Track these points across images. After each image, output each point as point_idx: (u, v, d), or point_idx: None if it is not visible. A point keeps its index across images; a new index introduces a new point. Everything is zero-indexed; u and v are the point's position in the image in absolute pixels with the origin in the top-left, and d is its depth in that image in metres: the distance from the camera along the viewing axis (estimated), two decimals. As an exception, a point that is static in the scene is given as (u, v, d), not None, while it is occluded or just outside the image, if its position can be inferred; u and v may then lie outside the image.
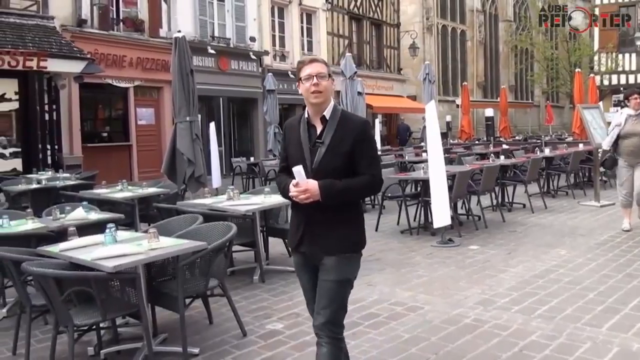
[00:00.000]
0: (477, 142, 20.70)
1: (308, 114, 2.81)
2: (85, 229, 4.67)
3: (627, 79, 27.43)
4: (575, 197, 10.97)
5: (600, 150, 9.17)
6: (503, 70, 36.07)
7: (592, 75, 18.35)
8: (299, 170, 2.65)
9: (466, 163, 10.03)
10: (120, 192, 7.46)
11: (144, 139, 16.10)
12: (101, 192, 7.65)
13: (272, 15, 20.26)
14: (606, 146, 7.78)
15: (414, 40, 26.87)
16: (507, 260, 6.27)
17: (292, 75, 17.55)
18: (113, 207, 6.65)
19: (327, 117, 2.75)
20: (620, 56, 27.48)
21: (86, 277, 3.49)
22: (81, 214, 5.08)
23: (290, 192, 2.69)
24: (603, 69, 27.45)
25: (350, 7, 23.78)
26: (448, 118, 25.02)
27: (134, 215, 6.84)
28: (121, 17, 15.56)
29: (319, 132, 2.76)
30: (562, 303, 4.75)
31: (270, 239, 6.46)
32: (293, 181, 2.67)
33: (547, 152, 12.08)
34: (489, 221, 8.43)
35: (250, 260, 6.22)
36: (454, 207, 7.83)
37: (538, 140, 19.60)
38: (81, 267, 3.57)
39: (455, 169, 8.50)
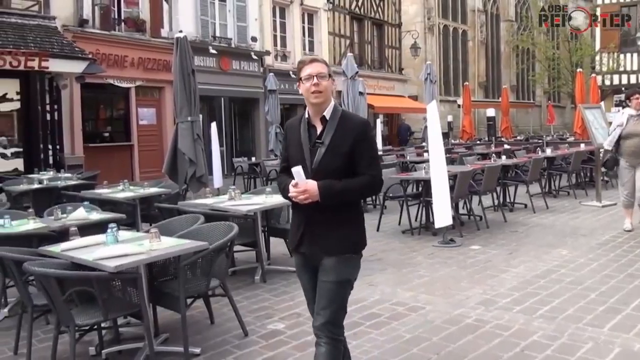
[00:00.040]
0: (479, 142, 20.70)
1: (308, 114, 2.80)
2: (87, 229, 4.67)
3: (628, 78, 27.43)
4: (577, 197, 10.97)
5: (601, 150, 9.17)
6: (504, 70, 36.04)
7: (593, 75, 18.36)
8: (298, 171, 2.65)
9: (467, 163, 10.05)
10: (122, 192, 7.47)
11: (146, 139, 16.11)
12: (103, 192, 7.66)
13: (274, 15, 20.27)
14: (608, 146, 7.78)
15: (415, 40, 26.84)
16: (509, 261, 6.27)
17: (293, 75, 17.52)
18: (114, 207, 6.66)
19: (327, 118, 2.75)
20: (621, 56, 27.52)
21: (88, 277, 3.49)
22: (83, 214, 5.09)
23: (289, 193, 2.69)
24: (605, 68, 27.47)
25: (352, 7, 23.76)
26: (449, 118, 24.98)
27: (135, 215, 6.84)
28: (122, 17, 15.59)
29: (319, 133, 2.75)
30: (564, 303, 4.75)
31: (272, 239, 6.46)
32: (292, 182, 2.67)
33: (548, 152, 12.08)
34: (490, 221, 8.43)
35: (252, 260, 6.22)
36: (455, 207, 7.82)
37: (539, 140, 19.60)
38: (83, 267, 3.58)
39: (457, 169, 8.50)
